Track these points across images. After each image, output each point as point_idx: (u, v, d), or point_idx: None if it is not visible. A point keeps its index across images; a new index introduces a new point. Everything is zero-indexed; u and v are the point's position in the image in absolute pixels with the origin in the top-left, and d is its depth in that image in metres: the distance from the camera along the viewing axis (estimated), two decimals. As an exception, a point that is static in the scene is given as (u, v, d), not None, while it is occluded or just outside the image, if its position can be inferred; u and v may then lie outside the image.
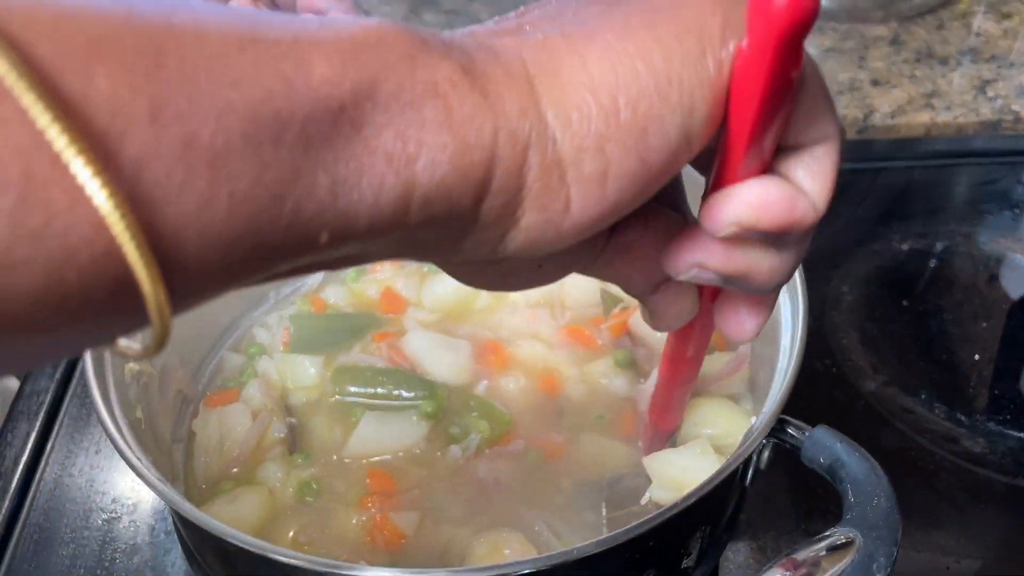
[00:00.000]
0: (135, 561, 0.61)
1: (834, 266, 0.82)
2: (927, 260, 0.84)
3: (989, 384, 0.73)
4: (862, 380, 0.73)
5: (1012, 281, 0.82)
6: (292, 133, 0.24)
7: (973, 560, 0.62)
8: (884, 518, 0.44)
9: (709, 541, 0.53)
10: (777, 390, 0.50)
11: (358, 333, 0.67)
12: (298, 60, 0.24)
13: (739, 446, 0.48)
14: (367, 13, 0.68)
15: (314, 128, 0.24)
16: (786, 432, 0.49)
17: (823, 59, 1.04)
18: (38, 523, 0.63)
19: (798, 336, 0.52)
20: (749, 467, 0.51)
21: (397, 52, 0.26)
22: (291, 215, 0.24)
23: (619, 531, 0.43)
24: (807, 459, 0.49)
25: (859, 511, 0.44)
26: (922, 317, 0.79)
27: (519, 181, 0.28)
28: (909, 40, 1.06)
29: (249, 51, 0.23)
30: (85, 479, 0.65)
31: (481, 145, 0.27)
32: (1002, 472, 0.67)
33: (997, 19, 1.09)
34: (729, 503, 0.54)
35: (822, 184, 0.32)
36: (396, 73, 0.26)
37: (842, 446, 0.47)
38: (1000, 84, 1.00)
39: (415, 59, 0.26)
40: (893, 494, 0.45)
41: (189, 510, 0.45)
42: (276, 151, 0.24)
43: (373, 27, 0.26)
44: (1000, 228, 0.87)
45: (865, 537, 0.43)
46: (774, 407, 0.48)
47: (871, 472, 0.46)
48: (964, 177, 0.94)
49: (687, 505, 0.44)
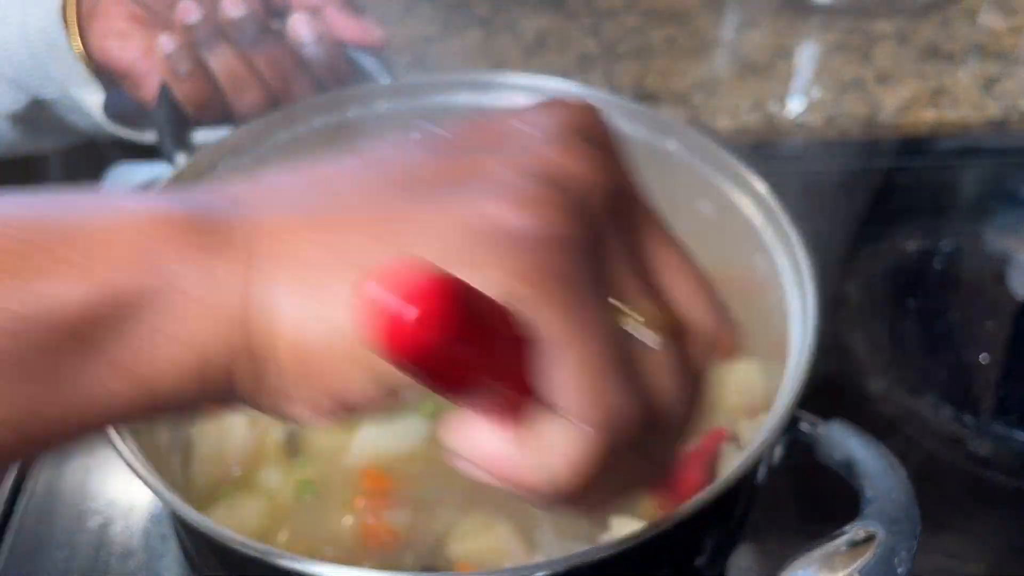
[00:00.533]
0: (130, 565, 0.60)
1: (838, 266, 0.82)
2: (933, 260, 0.84)
3: (996, 386, 0.73)
4: (867, 381, 0.72)
5: (1020, 281, 0.82)
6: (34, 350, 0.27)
7: (979, 563, 0.61)
8: (904, 512, 0.44)
9: (722, 539, 0.53)
10: (790, 387, 0.49)
11: None
12: (38, 280, 0.26)
13: (753, 443, 0.48)
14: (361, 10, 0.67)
15: (54, 343, 0.27)
16: (800, 429, 0.49)
17: (828, 55, 1.03)
18: (31, 527, 0.62)
19: (809, 333, 0.52)
20: (762, 464, 0.51)
21: (145, 255, 0.28)
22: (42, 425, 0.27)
23: (637, 531, 0.43)
24: (822, 455, 0.49)
25: (878, 505, 0.44)
26: (928, 317, 0.78)
27: (228, 384, 0.29)
28: (915, 37, 1.05)
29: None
30: (79, 482, 0.65)
31: (192, 354, 0.28)
32: (1009, 475, 0.66)
33: (1004, 15, 1.09)
34: (741, 501, 0.54)
35: (567, 465, 0.27)
36: (136, 280, 0.28)
37: (857, 440, 0.47)
38: (1007, 82, 0.99)
39: (159, 263, 0.28)
40: (911, 488, 0.45)
41: (189, 513, 0.45)
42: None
43: (133, 226, 0.28)
44: (1007, 227, 0.86)
45: (886, 531, 0.43)
46: (788, 404, 0.48)
47: (888, 466, 0.46)
48: (971, 176, 0.93)
49: (704, 504, 0.44)
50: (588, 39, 1.05)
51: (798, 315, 0.55)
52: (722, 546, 0.54)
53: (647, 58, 1.03)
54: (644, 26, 1.07)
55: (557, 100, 0.33)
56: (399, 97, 0.66)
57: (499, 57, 1.03)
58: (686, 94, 0.98)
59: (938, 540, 0.62)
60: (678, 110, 0.96)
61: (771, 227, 0.58)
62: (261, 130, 0.64)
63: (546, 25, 1.08)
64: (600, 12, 1.10)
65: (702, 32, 1.07)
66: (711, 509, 0.45)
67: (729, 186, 0.61)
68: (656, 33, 1.06)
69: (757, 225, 0.59)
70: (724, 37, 1.07)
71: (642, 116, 0.64)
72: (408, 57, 1.03)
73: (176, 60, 0.63)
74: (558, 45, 1.05)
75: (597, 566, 0.43)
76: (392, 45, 0.68)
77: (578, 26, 1.07)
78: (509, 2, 1.12)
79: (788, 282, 0.56)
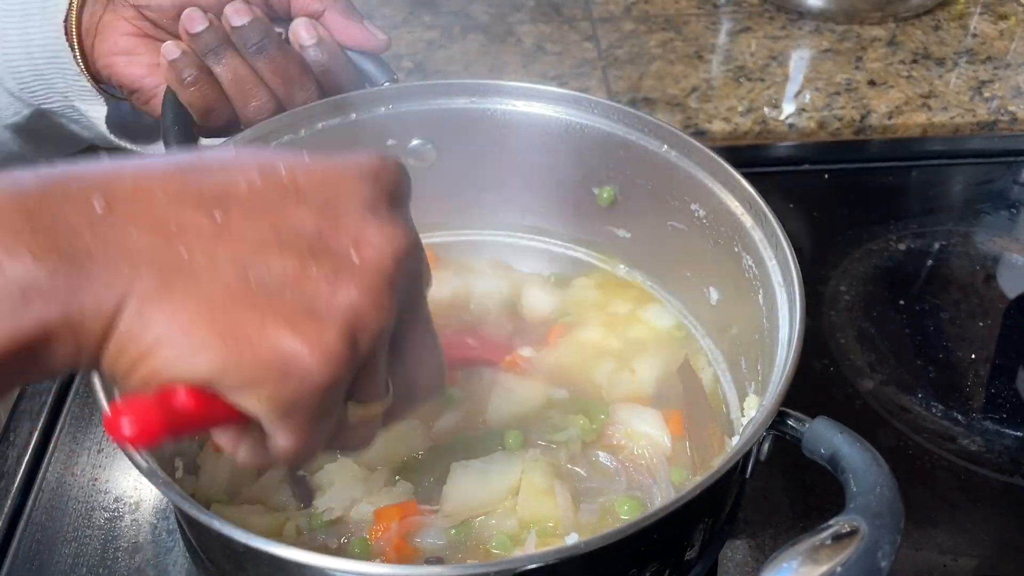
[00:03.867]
0: (137, 560, 0.61)
1: (831, 266, 0.83)
2: (924, 260, 0.85)
3: (986, 383, 0.74)
4: (859, 379, 0.73)
5: (1009, 280, 0.83)
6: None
7: (970, 558, 0.62)
8: (888, 506, 0.44)
9: (711, 533, 0.53)
10: (777, 382, 0.50)
11: None
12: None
13: (740, 438, 0.48)
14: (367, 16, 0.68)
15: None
16: (786, 424, 0.50)
17: (820, 60, 1.04)
18: (41, 522, 0.63)
19: (796, 329, 0.52)
20: (750, 459, 0.52)
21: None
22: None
23: (625, 525, 0.43)
24: (808, 450, 0.49)
25: (862, 500, 0.44)
26: (919, 316, 0.79)
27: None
28: (906, 41, 1.06)
29: None
30: (87, 478, 0.66)
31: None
32: (999, 470, 0.67)
33: (994, 20, 1.10)
34: (730, 495, 0.55)
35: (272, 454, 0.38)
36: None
37: (843, 436, 0.47)
38: (996, 85, 1.00)
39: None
40: (895, 483, 0.45)
41: (194, 510, 0.45)
42: None
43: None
44: (997, 228, 0.87)
45: (869, 525, 0.43)
46: (774, 399, 0.48)
47: (872, 461, 0.46)
48: (961, 177, 0.94)
49: (691, 497, 0.44)
50: (585, 45, 1.07)
51: (785, 313, 0.55)
52: (712, 540, 0.54)
53: (643, 63, 1.04)
54: (640, 32, 1.08)
55: (374, 161, 0.40)
56: (400, 101, 0.67)
57: (498, 62, 1.05)
58: (681, 98, 0.99)
59: (929, 535, 0.63)
60: (673, 113, 0.97)
61: (760, 228, 0.59)
62: (265, 134, 0.64)
63: (544, 31, 1.09)
64: (597, 19, 1.11)
65: (697, 38, 1.08)
66: (699, 502, 0.45)
67: (720, 189, 0.62)
68: (652, 39, 1.08)
69: (747, 226, 0.60)
70: (718, 42, 1.08)
71: (639, 122, 0.65)
72: (409, 62, 1.04)
73: (181, 67, 0.64)
74: (556, 51, 1.06)
75: (587, 559, 0.43)
76: (393, 50, 0.69)
77: (575, 32, 1.08)
78: (508, 9, 1.13)
79: (776, 281, 0.57)
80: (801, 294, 0.53)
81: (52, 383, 0.71)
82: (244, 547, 0.42)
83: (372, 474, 0.58)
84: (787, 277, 0.55)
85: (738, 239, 0.61)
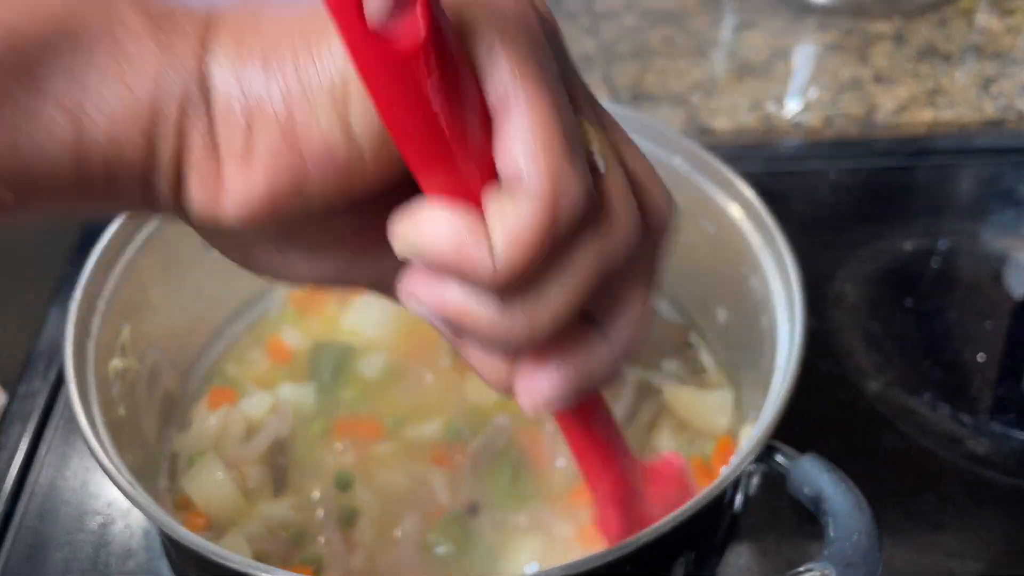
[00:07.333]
0: (129, 565, 0.60)
1: (836, 265, 0.82)
2: (930, 259, 0.84)
3: (993, 385, 0.73)
4: (865, 380, 0.72)
5: (1016, 280, 0.82)
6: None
7: (976, 562, 0.61)
8: (863, 556, 0.43)
9: (697, 566, 0.52)
10: (768, 416, 0.48)
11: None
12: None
13: (727, 469, 0.47)
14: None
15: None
16: (774, 459, 0.48)
17: (826, 56, 1.04)
18: (32, 526, 0.62)
19: (793, 362, 0.50)
20: (737, 492, 0.50)
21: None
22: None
23: (592, 555, 0.41)
24: (791, 489, 0.48)
25: (838, 547, 0.43)
26: (925, 317, 0.78)
27: (178, 141, 0.26)
28: (912, 37, 1.06)
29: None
30: (79, 482, 0.65)
31: (143, 96, 0.26)
32: (1006, 473, 0.66)
33: (1000, 16, 1.09)
34: (717, 529, 0.53)
35: (508, 239, 0.26)
36: (75, 15, 0.25)
37: (828, 477, 0.46)
38: (1003, 82, 0.99)
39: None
40: (876, 530, 0.44)
41: (176, 529, 0.44)
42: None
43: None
44: (1004, 227, 0.87)
45: (841, 574, 0.42)
46: (762, 433, 0.47)
47: (855, 506, 0.45)
48: (967, 175, 0.94)
49: (665, 531, 0.43)
50: (587, 39, 1.06)
51: (785, 342, 0.54)
52: (699, 574, 0.53)
53: (645, 59, 1.03)
54: (642, 27, 1.07)
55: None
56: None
57: (498, 58, 1.04)
58: (684, 94, 0.98)
59: (935, 538, 0.62)
60: (676, 110, 0.96)
61: (767, 250, 0.57)
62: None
63: (544, 26, 1.08)
64: (598, 13, 1.10)
65: (700, 33, 1.07)
66: (677, 534, 0.43)
67: (728, 202, 0.60)
68: (654, 34, 1.07)
69: (755, 247, 0.58)
70: (722, 38, 1.07)
71: (648, 130, 0.63)
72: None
73: None
74: (556, 46, 1.05)
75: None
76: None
77: (577, 27, 1.07)
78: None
79: (780, 307, 0.55)
80: (802, 326, 0.52)
81: (43, 384, 0.71)
82: (221, 566, 0.41)
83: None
84: (791, 306, 0.54)
85: (745, 260, 0.59)
